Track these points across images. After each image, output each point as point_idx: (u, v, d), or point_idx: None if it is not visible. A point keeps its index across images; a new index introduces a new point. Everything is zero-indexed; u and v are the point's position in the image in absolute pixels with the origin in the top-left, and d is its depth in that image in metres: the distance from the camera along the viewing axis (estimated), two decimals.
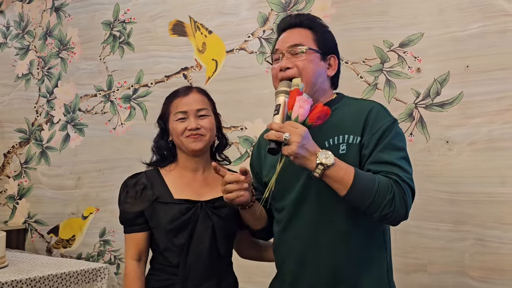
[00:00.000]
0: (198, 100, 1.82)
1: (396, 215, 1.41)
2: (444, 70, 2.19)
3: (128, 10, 3.11)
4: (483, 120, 2.11)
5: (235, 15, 2.75)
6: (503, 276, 2.04)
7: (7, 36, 3.65)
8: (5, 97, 3.63)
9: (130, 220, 1.81)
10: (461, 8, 2.17)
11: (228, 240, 1.83)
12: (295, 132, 1.38)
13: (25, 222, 3.43)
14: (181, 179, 1.83)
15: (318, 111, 1.44)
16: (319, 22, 1.64)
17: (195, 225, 1.76)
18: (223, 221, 1.77)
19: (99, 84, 3.21)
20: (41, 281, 2.47)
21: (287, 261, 1.61)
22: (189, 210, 1.76)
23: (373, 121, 1.50)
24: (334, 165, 1.39)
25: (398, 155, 1.47)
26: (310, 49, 1.57)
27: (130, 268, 1.82)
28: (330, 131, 1.52)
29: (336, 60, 1.62)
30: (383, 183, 1.40)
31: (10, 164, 3.59)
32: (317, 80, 1.57)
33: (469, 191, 2.12)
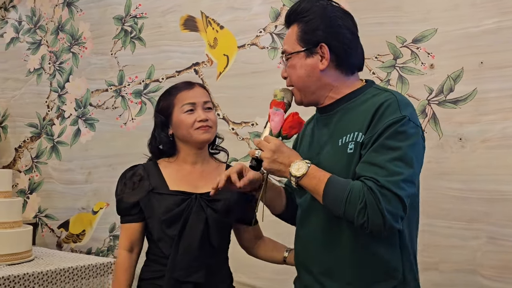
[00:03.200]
0: (203, 93, 1.88)
1: (372, 225, 1.31)
2: (458, 66, 2.18)
3: (139, 5, 3.12)
4: (497, 117, 2.10)
5: (246, 10, 2.75)
6: None
7: (19, 31, 3.67)
8: (17, 92, 3.66)
9: (125, 210, 1.86)
10: (475, 4, 2.16)
11: (222, 234, 1.84)
12: (266, 148, 1.42)
13: (36, 216, 3.46)
14: (179, 172, 1.86)
15: (289, 121, 1.46)
16: (307, 9, 1.51)
17: (188, 217, 1.78)
18: (217, 214, 1.79)
19: (110, 79, 3.23)
20: (52, 275, 2.49)
21: (297, 256, 1.62)
22: (183, 202, 1.79)
23: (379, 118, 1.39)
24: (306, 175, 1.38)
25: (389, 156, 1.35)
26: (290, 54, 1.51)
27: (121, 259, 1.87)
28: (344, 129, 1.46)
29: (326, 47, 1.47)
30: (355, 191, 1.33)
31: (21, 159, 3.63)
32: (308, 82, 1.50)
33: (482, 189, 2.11)
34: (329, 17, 1.49)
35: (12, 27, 3.71)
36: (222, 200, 1.80)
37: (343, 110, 1.49)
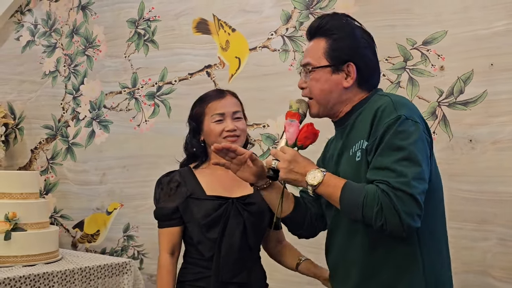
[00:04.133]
0: (233, 103, 1.92)
1: (390, 226, 1.32)
2: (468, 68, 2.18)
3: (152, 8, 3.14)
4: (508, 119, 2.10)
5: (258, 13, 2.76)
6: None
7: (34, 34, 3.70)
8: (33, 94, 3.70)
9: (165, 215, 1.90)
10: (486, 6, 2.16)
11: (257, 235, 1.90)
12: (282, 158, 1.45)
13: (51, 216, 3.47)
14: (213, 177, 1.91)
15: (304, 132, 1.49)
16: (338, 24, 1.55)
17: (227, 221, 1.84)
18: (253, 217, 1.85)
19: (124, 81, 3.25)
20: (70, 275, 2.54)
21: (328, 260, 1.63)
22: (221, 206, 1.85)
23: (378, 122, 1.40)
24: (321, 184, 1.40)
25: (395, 158, 1.35)
26: (315, 68, 1.52)
27: (164, 261, 1.91)
28: (353, 139, 1.49)
29: (353, 66, 1.50)
30: (370, 195, 1.34)
31: (37, 160, 3.66)
32: (329, 97, 1.53)
33: (492, 190, 2.11)
34: (357, 38, 1.53)
35: (28, 30, 3.74)
36: (257, 203, 1.86)
37: (352, 121, 1.52)
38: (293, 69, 2.64)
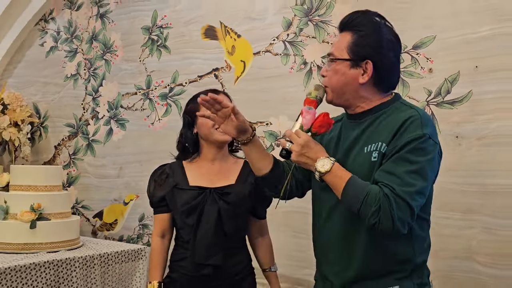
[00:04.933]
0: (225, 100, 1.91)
1: (382, 226, 1.34)
2: (455, 70, 2.16)
3: (165, 16, 3.14)
4: (491, 117, 2.08)
5: (261, 20, 2.75)
6: (508, 262, 2.02)
7: (57, 40, 3.71)
8: (56, 95, 3.71)
9: (155, 203, 1.99)
10: (474, 11, 2.13)
11: (236, 222, 1.91)
12: (296, 142, 1.43)
13: (73, 207, 3.49)
14: (199, 169, 1.96)
15: (320, 121, 1.46)
16: (367, 22, 1.49)
17: (203, 208, 1.87)
18: (228, 205, 1.87)
19: (139, 83, 3.24)
20: (90, 260, 2.55)
21: (318, 248, 1.63)
22: (199, 195, 1.89)
23: (402, 132, 1.39)
24: (329, 172, 1.40)
25: (407, 169, 1.35)
26: (336, 59, 1.48)
27: (154, 244, 2.00)
28: (371, 137, 1.46)
29: (371, 64, 1.45)
30: (372, 194, 1.34)
31: (60, 155, 3.67)
32: (344, 89, 1.49)
33: (477, 182, 2.09)
34: (382, 38, 1.47)
35: (51, 37, 3.74)
36: (234, 193, 1.89)
37: (370, 120, 1.49)
38: (294, 71, 2.63)
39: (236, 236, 1.94)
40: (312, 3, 2.57)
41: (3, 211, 2.61)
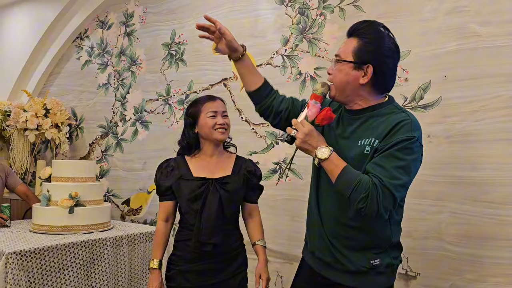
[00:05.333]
0: (222, 105, 1.99)
1: (367, 211, 1.35)
2: (427, 80, 2.17)
3: (181, 34, 3.15)
4: (457, 119, 2.09)
5: (263, 38, 2.76)
6: (471, 241, 2.03)
7: (91, 55, 3.73)
8: (90, 101, 3.73)
9: (161, 192, 1.99)
10: (441, 31, 2.14)
11: (232, 207, 1.93)
12: (301, 130, 1.43)
13: (105, 195, 3.50)
14: (200, 162, 1.97)
15: (323, 114, 1.46)
16: (372, 31, 1.46)
17: (206, 196, 1.89)
18: (228, 193, 1.90)
19: (160, 91, 3.26)
20: (119, 239, 2.56)
21: (312, 222, 1.63)
22: (203, 185, 1.90)
23: (395, 132, 1.38)
24: (327, 160, 1.39)
25: (395, 164, 1.35)
26: (342, 60, 1.46)
27: (159, 226, 2.01)
28: (366, 133, 1.45)
29: (372, 68, 1.42)
30: (363, 182, 1.34)
31: (93, 152, 3.69)
32: (346, 87, 1.47)
33: (445, 174, 2.10)
34: (383, 46, 1.45)
35: (86, 52, 3.77)
36: (231, 183, 1.92)
37: (365, 117, 1.48)
38: (291, 81, 2.64)
39: (233, 218, 1.97)
40: (306, 23, 2.58)
41: (46, 198, 2.63)
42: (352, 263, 1.48)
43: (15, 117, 3.61)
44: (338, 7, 2.46)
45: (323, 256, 1.55)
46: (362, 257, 1.48)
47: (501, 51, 1.99)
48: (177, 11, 3.17)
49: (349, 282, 1.49)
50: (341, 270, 1.50)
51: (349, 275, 1.49)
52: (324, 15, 2.51)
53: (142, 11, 3.39)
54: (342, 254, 1.50)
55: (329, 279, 1.53)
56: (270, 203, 2.65)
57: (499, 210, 1.96)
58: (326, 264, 1.54)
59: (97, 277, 2.44)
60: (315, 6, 2.55)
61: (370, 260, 1.47)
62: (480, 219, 2.00)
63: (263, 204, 2.66)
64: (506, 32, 1.98)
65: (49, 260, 2.27)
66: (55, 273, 2.28)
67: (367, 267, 1.47)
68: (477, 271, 2.00)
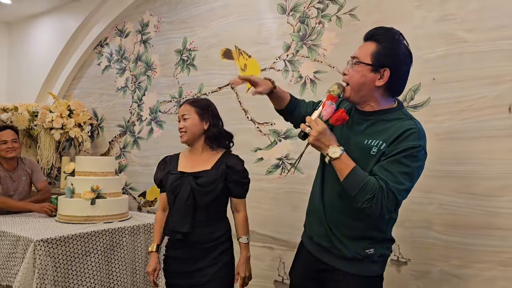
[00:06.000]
0: (185, 109, 1.96)
1: (371, 211, 1.33)
2: (417, 82, 2.16)
3: (192, 41, 3.15)
4: (445, 118, 2.08)
5: (267, 44, 2.76)
6: (457, 230, 2.02)
7: (110, 61, 3.74)
8: (109, 103, 3.74)
9: (157, 184, 2.03)
10: (430, 37, 2.13)
11: (207, 199, 1.87)
12: (315, 128, 1.38)
13: (123, 188, 3.53)
14: (187, 159, 1.99)
15: (337, 115, 1.41)
16: (391, 37, 1.42)
17: (180, 188, 1.89)
18: (199, 186, 1.87)
19: (173, 93, 3.26)
20: (136, 229, 2.58)
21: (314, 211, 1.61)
22: (179, 178, 1.91)
23: (403, 139, 1.34)
24: (338, 159, 1.35)
25: (400, 169, 1.32)
26: (361, 62, 1.41)
27: (157, 215, 2.06)
28: (373, 134, 1.42)
29: (388, 72, 1.38)
30: (370, 184, 1.31)
31: (113, 149, 3.71)
32: (361, 88, 1.41)
33: (434, 169, 2.08)
34: (400, 52, 1.42)
35: (106, 58, 3.78)
36: (204, 177, 1.89)
37: (375, 119, 1.44)
38: (292, 84, 2.63)
39: (212, 210, 1.90)
40: (306, 31, 2.58)
41: (70, 191, 2.64)
42: (348, 250, 1.47)
43: (42, 117, 3.64)
44: (335, 16, 2.46)
45: (322, 241, 1.53)
46: (358, 245, 1.47)
47: (485, 56, 1.97)
48: (188, 21, 3.17)
49: (344, 267, 1.49)
50: (337, 255, 1.49)
51: (345, 261, 1.49)
52: (323, 23, 2.50)
53: (157, 21, 3.40)
54: (340, 240, 1.49)
55: (326, 264, 1.52)
56: (273, 195, 2.65)
57: (483, 202, 1.96)
58: (324, 249, 1.53)
59: (117, 262, 2.46)
60: (314, 15, 2.54)
61: (365, 249, 1.47)
62: (465, 210, 2.00)
63: (267, 196, 2.67)
64: (490, 38, 1.97)
65: (73, 247, 2.28)
66: (79, 259, 2.30)
67: (362, 255, 1.47)
68: (463, 258, 2.00)
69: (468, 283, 1.98)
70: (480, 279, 1.95)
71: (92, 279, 2.32)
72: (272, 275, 2.64)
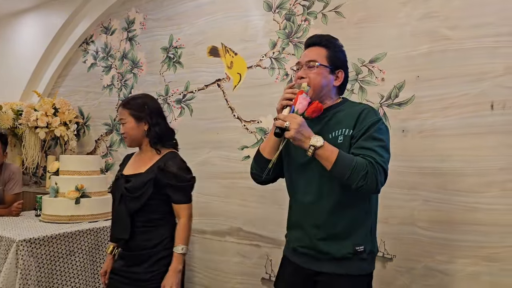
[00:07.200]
0: (121, 112, 1.87)
1: (368, 187, 1.34)
2: (401, 79, 2.17)
3: (179, 39, 3.13)
4: (429, 115, 2.09)
5: (253, 42, 2.74)
6: (441, 226, 2.04)
7: (96, 58, 3.70)
8: (95, 101, 3.70)
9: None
10: (414, 34, 2.14)
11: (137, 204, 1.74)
12: (294, 121, 1.37)
13: (109, 187, 3.46)
14: (134, 159, 1.92)
15: (313, 107, 1.43)
16: (335, 43, 1.56)
17: (115, 190, 1.83)
18: (128, 191, 1.76)
19: (159, 91, 3.24)
20: None
21: (294, 215, 1.61)
22: (117, 181, 1.85)
23: (363, 119, 1.43)
24: (322, 147, 1.36)
25: (376, 144, 1.39)
26: (321, 65, 1.50)
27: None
28: (333, 127, 1.48)
29: (343, 73, 1.53)
30: (359, 162, 1.34)
31: (99, 147, 3.67)
32: (323, 89, 1.50)
33: (418, 166, 2.10)
34: (344, 56, 1.59)
35: (92, 56, 3.74)
36: (133, 180, 1.77)
37: (332, 114, 1.51)
38: (278, 81, 2.63)
39: (145, 216, 1.76)
40: (292, 28, 2.57)
41: (54, 190, 2.61)
42: (337, 249, 1.46)
43: (26, 116, 3.58)
44: (321, 13, 2.45)
45: (308, 251, 1.51)
46: (347, 244, 1.46)
47: (468, 53, 1.99)
48: (175, 18, 3.15)
49: (334, 270, 1.46)
50: (325, 259, 1.47)
51: (335, 262, 1.46)
52: (309, 20, 2.50)
53: (143, 18, 3.36)
54: (327, 243, 1.47)
55: (314, 270, 1.50)
56: (260, 193, 2.65)
57: (465, 198, 1.97)
58: (311, 257, 1.51)
59: (102, 262, 2.43)
60: (300, 12, 2.54)
61: (355, 247, 1.46)
62: (449, 206, 2.01)
63: (254, 194, 2.66)
64: (473, 35, 1.98)
65: (57, 247, 2.25)
66: (63, 259, 2.27)
67: (352, 253, 1.46)
68: (447, 253, 2.01)
69: (452, 278, 2.00)
70: (464, 274, 1.97)
71: (77, 279, 2.29)
72: (260, 273, 2.64)
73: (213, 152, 2.84)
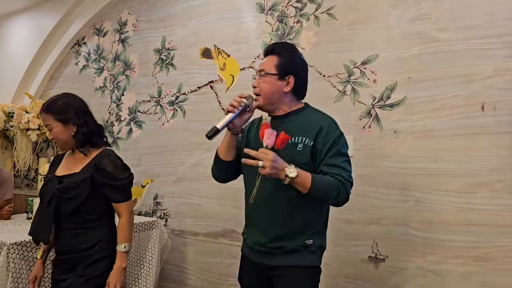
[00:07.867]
0: (44, 118, 1.78)
1: (339, 203, 1.48)
2: (393, 81, 2.18)
3: (171, 41, 3.12)
4: (421, 117, 2.10)
5: (246, 43, 2.75)
6: (433, 227, 2.05)
7: (88, 60, 3.68)
8: (88, 103, 3.65)
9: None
10: (405, 37, 2.15)
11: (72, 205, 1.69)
12: (266, 159, 1.40)
13: None
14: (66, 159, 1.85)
15: (281, 139, 1.45)
16: (288, 50, 1.60)
17: (45, 192, 1.76)
18: (60, 192, 1.71)
19: (152, 93, 3.23)
20: None
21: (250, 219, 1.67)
22: (47, 182, 1.77)
23: (326, 133, 1.50)
24: (298, 176, 1.41)
25: (342, 159, 1.49)
26: (268, 73, 1.56)
27: None
28: (295, 131, 1.54)
29: (293, 78, 1.56)
30: (331, 184, 1.44)
31: None
32: (272, 96, 1.56)
33: (410, 166, 2.12)
34: (297, 61, 1.62)
35: (84, 57, 3.71)
36: (66, 180, 1.72)
37: (290, 120, 1.57)
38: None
39: (80, 218, 1.71)
40: (285, 30, 2.57)
41: None
42: (289, 243, 1.55)
43: (18, 118, 3.55)
44: (313, 15, 2.46)
45: (262, 247, 1.59)
46: (298, 238, 1.55)
47: (458, 55, 2.00)
48: (167, 19, 3.14)
49: (286, 262, 1.54)
50: (279, 254, 1.56)
51: (287, 255, 1.55)
52: (301, 22, 2.51)
53: (135, 20, 3.35)
54: (281, 238, 1.55)
55: (269, 264, 1.58)
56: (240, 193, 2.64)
57: (457, 198, 1.99)
58: (265, 253, 1.59)
59: None
60: (292, 14, 2.54)
61: (305, 240, 1.55)
62: (441, 206, 2.02)
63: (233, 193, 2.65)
64: (463, 37, 2.00)
65: None
66: None
67: (302, 246, 1.54)
68: (439, 254, 2.02)
69: (444, 278, 2.01)
70: (456, 274, 1.98)
71: None
72: None
73: (206, 153, 2.84)
